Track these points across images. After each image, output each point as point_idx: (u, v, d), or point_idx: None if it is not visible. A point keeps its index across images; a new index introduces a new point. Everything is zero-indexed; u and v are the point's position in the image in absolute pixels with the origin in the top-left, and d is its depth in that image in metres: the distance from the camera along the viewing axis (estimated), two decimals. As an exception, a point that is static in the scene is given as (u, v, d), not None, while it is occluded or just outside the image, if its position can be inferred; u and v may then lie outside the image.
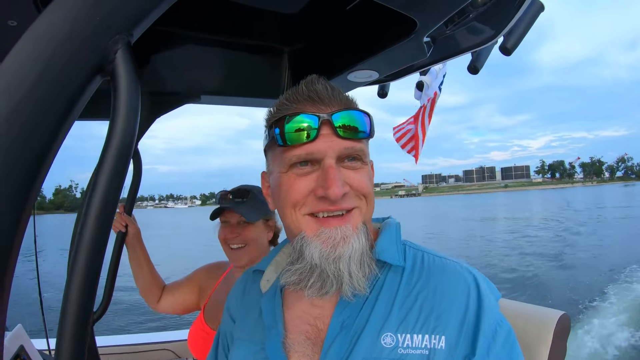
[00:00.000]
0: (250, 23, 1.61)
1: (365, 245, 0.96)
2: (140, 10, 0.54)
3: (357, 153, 0.96)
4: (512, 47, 1.52)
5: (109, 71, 0.52)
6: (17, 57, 0.46)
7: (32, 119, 0.45)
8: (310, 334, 1.02)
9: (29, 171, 0.45)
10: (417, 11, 1.08)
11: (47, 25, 0.48)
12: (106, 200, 0.50)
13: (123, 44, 0.52)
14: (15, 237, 0.45)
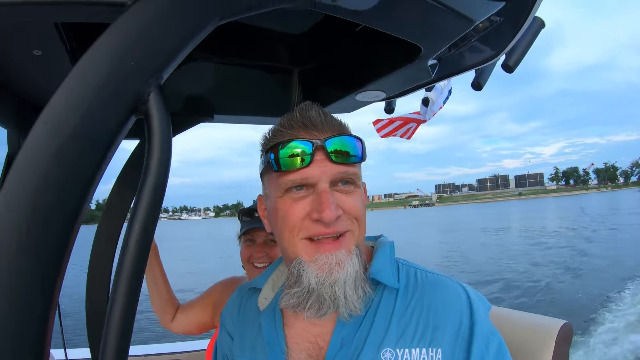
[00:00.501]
0: (261, 44, 1.67)
1: (359, 269, 1.01)
2: (169, 56, 0.61)
3: (350, 177, 1.01)
4: (514, 65, 1.56)
5: (142, 111, 0.58)
6: (62, 99, 0.52)
7: (78, 155, 0.51)
8: (311, 352, 1.07)
9: (75, 201, 0.51)
10: (421, 38, 1.13)
11: (87, 70, 0.54)
12: (145, 231, 0.56)
13: (155, 87, 0.59)
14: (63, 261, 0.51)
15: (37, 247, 0.48)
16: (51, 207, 0.49)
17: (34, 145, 0.50)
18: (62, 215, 0.50)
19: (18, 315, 0.47)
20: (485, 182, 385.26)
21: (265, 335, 1.13)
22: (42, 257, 0.48)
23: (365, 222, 1.05)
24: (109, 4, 0.61)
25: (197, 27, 0.64)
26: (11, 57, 1.31)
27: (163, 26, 0.60)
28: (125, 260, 0.56)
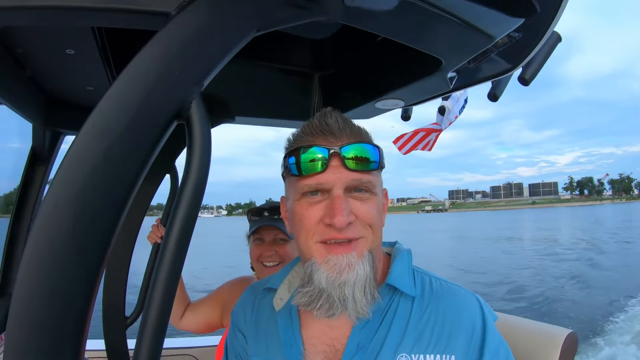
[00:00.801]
0: (283, 49, 1.70)
1: (369, 273, 1.02)
2: (210, 65, 0.64)
3: (364, 185, 1.03)
4: (530, 78, 1.58)
5: (184, 117, 0.61)
6: (111, 103, 0.55)
7: (124, 156, 0.54)
8: (328, 354, 1.10)
9: (120, 200, 0.54)
10: (443, 52, 1.16)
11: (134, 76, 0.57)
12: (184, 231, 0.59)
13: (197, 94, 0.62)
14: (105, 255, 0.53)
15: (82, 242, 0.51)
16: (96, 205, 0.52)
17: (82, 146, 0.53)
18: (106, 213, 0.53)
19: (63, 303, 0.50)
20: (499, 190, 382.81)
21: (281, 336, 1.15)
22: (86, 251, 0.51)
23: (380, 228, 1.07)
24: (154, 13, 0.64)
25: (236, 37, 0.67)
26: (45, 55, 1.36)
27: (205, 36, 0.63)
28: (164, 258, 0.58)
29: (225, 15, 0.66)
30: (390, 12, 0.91)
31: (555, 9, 1.09)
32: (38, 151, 1.91)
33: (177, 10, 0.63)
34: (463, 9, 0.95)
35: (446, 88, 1.49)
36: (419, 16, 0.93)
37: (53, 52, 1.33)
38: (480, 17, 1.01)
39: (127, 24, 0.69)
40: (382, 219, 1.09)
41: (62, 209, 0.50)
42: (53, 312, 0.49)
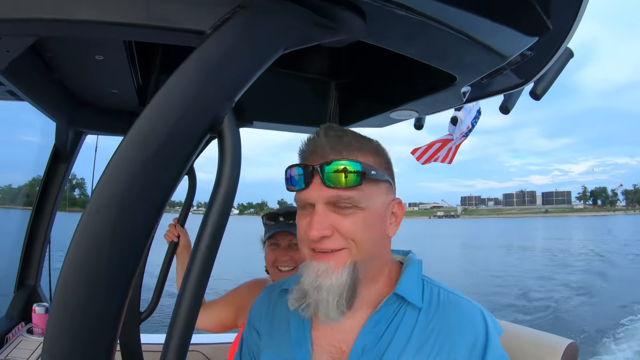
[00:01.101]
0: (301, 57, 1.75)
1: (347, 283, 1.07)
2: (241, 81, 0.68)
3: (345, 201, 1.06)
4: (542, 93, 1.61)
5: (217, 131, 0.65)
6: (151, 115, 0.60)
7: (162, 166, 0.59)
8: (334, 355, 1.16)
9: (156, 207, 0.58)
10: (457, 69, 1.20)
11: (174, 90, 0.62)
12: (215, 234, 0.64)
13: (229, 109, 0.67)
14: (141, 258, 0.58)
15: (121, 245, 0.55)
16: (135, 212, 0.56)
17: (124, 155, 0.57)
18: (144, 219, 0.57)
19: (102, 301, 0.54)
20: (511, 197, 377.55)
21: (292, 334, 1.21)
22: (124, 254, 0.55)
23: (364, 242, 1.09)
24: (190, 31, 0.69)
25: (264, 55, 0.72)
26: (74, 60, 1.42)
27: (237, 55, 0.68)
28: (195, 261, 0.63)
29: (256, 34, 0.71)
30: (407, 31, 0.95)
31: (568, 28, 1.13)
32: (60, 149, 1.98)
33: (212, 30, 0.67)
34: (477, 30, 0.99)
35: (460, 101, 1.52)
36: (435, 36, 0.97)
37: (83, 57, 1.38)
38: (493, 38, 1.05)
39: (164, 39, 0.74)
40: (375, 233, 1.12)
41: (103, 214, 0.54)
42: (93, 308, 0.53)
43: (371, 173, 1.07)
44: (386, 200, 1.14)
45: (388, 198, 1.15)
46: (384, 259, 1.20)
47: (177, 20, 0.70)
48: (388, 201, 1.15)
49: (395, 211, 1.17)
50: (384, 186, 1.13)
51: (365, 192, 1.08)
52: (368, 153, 1.12)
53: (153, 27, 0.70)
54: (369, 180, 1.07)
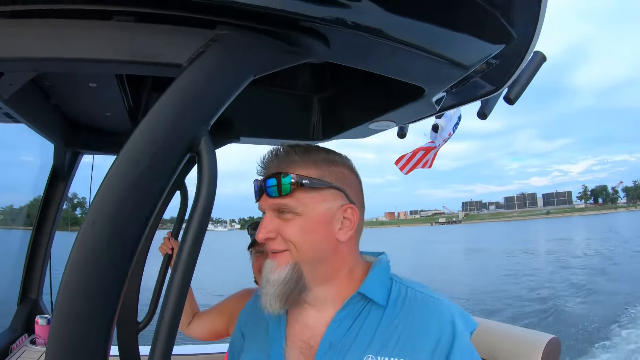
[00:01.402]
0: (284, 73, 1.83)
1: (288, 279, 1.20)
2: (216, 106, 0.78)
3: (283, 208, 1.20)
4: (515, 98, 1.67)
5: (195, 150, 0.75)
6: (138, 139, 0.69)
7: (148, 184, 0.68)
8: (304, 350, 1.24)
9: (144, 220, 0.67)
10: (424, 82, 1.27)
11: (157, 117, 0.72)
12: (194, 246, 0.72)
13: (205, 132, 0.76)
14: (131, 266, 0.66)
15: (115, 254, 0.63)
16: (126, 224, 0.65)
17: (117, 173, 0.66)
18: (134, 231, 0.66)
19: (98, 306, 0.62)
20: (512, 200, 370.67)
21: (270, 333, 1.31)
22: (118, 263, 0.63)
23: (303, 245, 1.20)
24: (168, 65, 0.79)
25: (236, 82, 0.82)
26: (69, 88, 1.52)
27: (211, 83, 0.78)
28: (176, 273, 0.71)
29: (227, 64, 0.81)
30: (370, 51, 1.04)
31: (531, 34, 1.20)
32: (59, 169, 2.08)
33: (188, 62, 0.77)
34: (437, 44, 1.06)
35: (433, 110, 1.60)
36: (396, 53, 1.05)
37: (78, 85, 1.49)
38: (454, 50, 1.12)
39: (146, 72, 0.84)
40: (316, 236, 1.21)
41: (98, 226, 0.63)
42: (91, 312, 0.62)
43: (303, 182, 1.18)
44: (332, 206, 1.22)
45: (335, 204, 1.23)
46: (339, 261, 1.26)
47: (157, 55, 0.79)
48: (336, 207, 1.23)
49: (348, 216, 1.24)
50: (327, 193, 1.22)
51: (300, 200, 1.19)
52: (311, 166, 1.23)
53: (136, 62, 0.79)
54: (302, 189, 1.19)
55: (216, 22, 0.81)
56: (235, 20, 0.81)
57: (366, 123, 1.74)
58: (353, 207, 1.24)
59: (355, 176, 1.33)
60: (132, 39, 0.78)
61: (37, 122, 1.66)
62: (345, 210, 1.23)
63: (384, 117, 1.68)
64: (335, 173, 1.25)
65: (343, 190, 1.24)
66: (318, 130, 1.99)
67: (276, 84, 1.89)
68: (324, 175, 1.23)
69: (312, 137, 2.01)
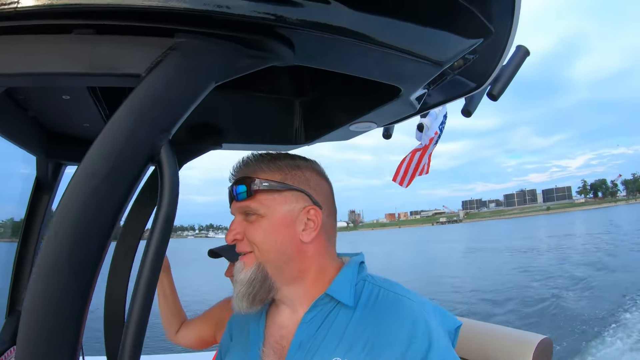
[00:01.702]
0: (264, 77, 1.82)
1: (253, 279, 1.25)
2: (175, 116, 0.79)
3: (247, 210, 1.26)
4: (498, 94, 1.66)
5: (156, 160, 0.75)
6: (97, 150, 0.70)
7: (108, 194, 0.69)
8: (276, 350, 1.27)
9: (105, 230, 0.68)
10: (398, 81, 1.26)
11: (115, 128, 0.72)
12: (156, 255, 0.73)
13: (165, 141, 0.76)
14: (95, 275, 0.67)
15: (77, 263, 0.64)
16: (88, 234, 0.66)
17: (76, 186, 0.67)
18: (95, 242, 0.67)
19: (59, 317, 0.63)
20: (512, 198, 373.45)
21: (251, 334, 1.36)
22: (80, 271, 0.64)
23: (267, 244, 1.25)
24: (126, 75, 0.79)
25: (197, 90, 0.82)
26: (43, 100, 1.53)
27: (170, 92, 0.78)
28: (140, 283, 0.72)
29: (187, 72, 0.81)
30: (337, 52, 1.03)
31: (509, 29, 1.19)
32: (42, 181, 2.07)
33: (147, 72, 0.77)
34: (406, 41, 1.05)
35: (413, 110, 1.57)
36: (366, 53, 1.05)
37: (51, 98, 1.49)
38: (426, 46, 1.10)
39: (106, 83, 0.85)
40: (278, 237, 1.26)
41: (60, 236, 0.64)
42: (55, 319, 0.63)
43: (263, 184, 1.25)
44: (294, 208, 1.27)
45: (297, 206, 1.28)
46: (306, 262, 1.29)
47: (116, 66, 0.79)
48: (298, 208, 1.27)
49: (311, 217, 1.28)
50: (289, 195, 1.27)
51: (262, 202, 1.25)
52: (275, 171, 1.30)
53: (96, 75, 0.79)
54: (264, 191, 1.25)
55: (174, 30, 0.80)
56: (193, 27, 0.81)
57: (346, 125, 1.73)
58: (316, 209, 1.28)
59: (324, 180, 1.38)
60: (92, 51, 0.79)
61: (15, 134, 1.66)
62: (308, 212, 1.27)
63: (364, 119, 1.67)
64: (298, 177, 1.31)
65: (305, 192, 1.28)
66: (300, 134, 1.97)
67: (257, 89, 1.88)
68: (286, 178, 1.29)
69: (295, 142, 2.00)
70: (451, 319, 1.25)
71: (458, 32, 1.12)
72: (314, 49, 1.01)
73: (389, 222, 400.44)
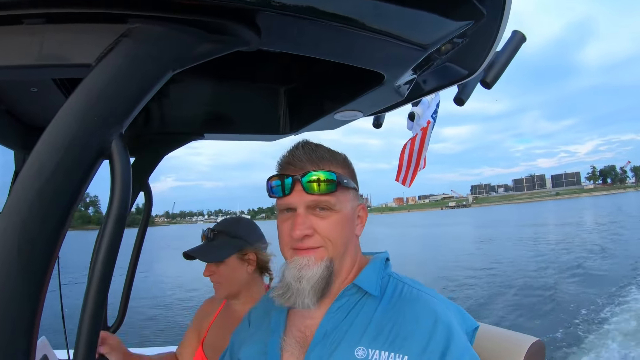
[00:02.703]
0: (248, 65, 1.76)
1: (324, 275, 1.22)
2: (127, 108, 0.73)
3: (323, 204, 1.22)
4: (492, 81, 1.59)
5: (107, 154, 0.71)
6: (43, 148, 0.66)
7: (56, 191, 0.65)
8: (299, 339, 1.27)
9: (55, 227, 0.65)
10: (380, 66, 1.21)
11: (61, 123, 0.68)
12: (111, 247, 0.70)
13: (116, 135, 0.71)
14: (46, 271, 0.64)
15: (25, 261, 0.61)
16: (34, 233, 0.63)
17: (22, 184, 0.64)
18: (45, 238, 0.64)
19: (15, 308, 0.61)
20: (521, 182, 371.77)
21: (272, 323, 1.36)
22: (29, 268, 0.62)
23: (341, 240, 1.25)
24: (76, 66, 0.75)
25: (152, 80, 0.76)
26: (13, 93, 1.50)
27: (122, 82, 0.73)
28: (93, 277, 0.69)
29: (140, 61, 0.75)
30: (307, 35, 0.98)
31: (500, 13, 1.14)
32: (20, 174, 2.03)
33: (97, 61, 0.72)
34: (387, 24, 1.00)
35: (400, 97, 1.52)
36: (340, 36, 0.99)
37: (20, 91, 1.46)
38: (408, 29, 1.05)
39: (57, 75, 0.79)
40: (346, 232, 1.27)
41: (8, 234, 0.61)
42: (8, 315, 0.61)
43: (344, 182, 1.24)
44: (354, 205, 1.31)
45: (355, 203, 1.31)
46: (354, 256, 1.33)
47: (66, 56, 0.75)
48: (355, 206, 1.32)
49: (361, 215, 1.35)
50: (352, 193, 1.30)
51: (339, 198, 1.25)
52: (338, 165, 1.30)
53: (45, 66, 0.75)
54: (341, 187, 1.24)
55: (127, 15, 0.76)
56: (147, 11, 0.77)
57: (331, 113, 1.68)
58: (364, 207, 1.36)
59: None
60: (42, 42, 0.75)
61: None
62: (360, 210, 1.35)
63: (349, 107, 1.62)
64: (351, 173, 1.34)
65: (357, 189, 1.34)
66: (286, 124, 1.93)
67: (241, 77, 1.82)
68: (348, 175, 1.31)
69: (280, 131, 1.95)
70: (470, 320, 1.27)
71: (443, 13, 1.06)
72: (282, 31, 0.95)
73: (397, 207, 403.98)
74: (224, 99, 1.89)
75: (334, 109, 1.65)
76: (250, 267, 2.05)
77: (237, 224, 2.11)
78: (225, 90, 1.87)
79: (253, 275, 2.08)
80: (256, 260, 2.06)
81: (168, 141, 1.92)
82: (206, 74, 1.73)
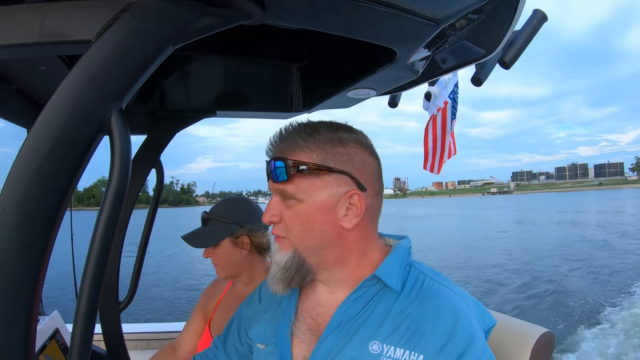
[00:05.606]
0: (261, 40, 1.74)
1: (289, 263, 1.19)
2: (127, 83, 0.73)
3: (285, 193, 1.16)
4: (511, 61, 1.55)
5: (107, 130, 0.71)
6: (41, 126, 0.67)
7: (55, 167, 0.66)
8: (312, 326, 1.23)
9: (54, 205, 0.66)
10: (392, 42, 1.17)
11: (60, 99, 0.69)
12: (108, 228, 0.70)
13: (116, 110, 0.71)
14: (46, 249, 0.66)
15: (25, 238, 0.63)
16: (33, 210, 0.64)
17: (21, 162, 0.65)
18: (44, 215, 0.65)
19: (12, 287, 0.63)
20: (564, 171, 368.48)
21: (282, 306, 1.32)
22: (29, 247, 0.64)
23: (304, 232, 1.17)
24: (76, 42, 0.74)
25: (152, 55, 0.75)
26: (22, 73, 1.53)
27: (121, 58, 0.72)
28: (91, 254, 0.69)
29: (140, 36, 0.74)
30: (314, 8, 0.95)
31: None
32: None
33: (96, 37, 0.72)
34: None
35: (413, 75, 1.48)
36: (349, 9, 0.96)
37: (28, 70, 1.48)
38: (420, 3, 1.00)
39: (57, 52, 0.80)
40: (313, 225, 1.15)
41: (7, 213, 0.63)
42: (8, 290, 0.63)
43: (300, 168, 1.12)
44: (335, 193, 1.14)
45: (339, 190, 1.14)
46: (347, 247, 1.19)
47: (66, 33, 0.75)
48: (339, 193, 1.14)
49: (354, 203, 1.15)
50: (329, 179, 1.14)
51: (300, 186, 1.14)
52: (314, 149, 1.15)
53: (46, 43, 0.76)
54: (301, 175, 1.13)
55: None
56: None
57: (344, 91, 1.65)
58: (359, 193, 1.16)
59: (370, 154, 1.22)
60: (43, 20, 0.75)
61: (3, 110, 1.67)
62: (351, 197, 1.15)
63: (362, 84, 1.59)
64: (340, 154, 1.15)
65: (348, 173, 1.15)
66: (298, 101, 1.91)
67: (253, 53, 1.80)
68: (326, 158, 1.14)
69: (293, 109, 1.93)
70: (488, 317, 1.21)
71: None
72: (286, 4, 0.92)
73: (438, 191, 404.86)
74: (237, 76, 1.88)
75: (346, 87, 1.61)
76: (244, 250, 2.03)
77: (230, 207, 2.08)
78: (237, 67, 1.85)
79: (251, 257, 2.07)
80: (250, 242, 2.03)
81: (181, 118, 1.92)
82: (218, 51, 1.72)
